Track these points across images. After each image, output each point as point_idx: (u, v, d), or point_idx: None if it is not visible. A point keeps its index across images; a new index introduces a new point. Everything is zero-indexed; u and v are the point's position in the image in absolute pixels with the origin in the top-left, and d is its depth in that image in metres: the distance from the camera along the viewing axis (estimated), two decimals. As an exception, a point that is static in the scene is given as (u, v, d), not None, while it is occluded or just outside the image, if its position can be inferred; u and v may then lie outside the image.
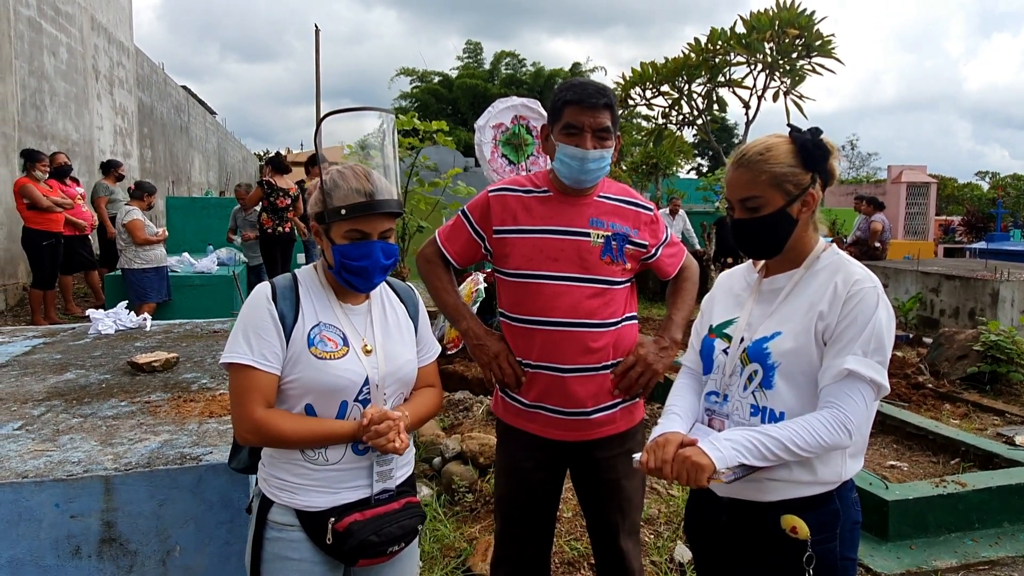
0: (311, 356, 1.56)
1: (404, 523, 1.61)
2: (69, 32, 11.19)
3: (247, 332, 1.56)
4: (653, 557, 3.01)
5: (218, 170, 26.92)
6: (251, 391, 1.54)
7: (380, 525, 1.58)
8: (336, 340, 1.61)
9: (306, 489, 1.59)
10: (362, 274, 1.60)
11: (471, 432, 4.04)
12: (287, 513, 1.59)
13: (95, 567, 1.92)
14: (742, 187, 1.56)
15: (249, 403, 1.54)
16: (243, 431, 1.56)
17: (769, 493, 1.54)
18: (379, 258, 1.60)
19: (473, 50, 30.58)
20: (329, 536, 1.55)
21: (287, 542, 1.59)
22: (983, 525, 3.39)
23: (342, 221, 1.58)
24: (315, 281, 1.68)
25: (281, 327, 1.56)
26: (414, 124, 6.05)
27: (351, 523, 1.55)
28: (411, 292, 1.86)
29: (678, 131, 8.92)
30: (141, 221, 6.91)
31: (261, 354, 1.54)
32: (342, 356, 1.60)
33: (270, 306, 1.58)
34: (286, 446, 1.58)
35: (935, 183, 20.99)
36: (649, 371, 2.01)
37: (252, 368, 1.54)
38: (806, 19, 7.11)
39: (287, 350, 1.57)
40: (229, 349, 1.57)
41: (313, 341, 1.58)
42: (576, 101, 1.92)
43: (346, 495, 1.60)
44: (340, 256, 1.59)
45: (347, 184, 1.59)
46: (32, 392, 2.65)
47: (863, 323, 1.47)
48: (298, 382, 1.57)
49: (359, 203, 1.57)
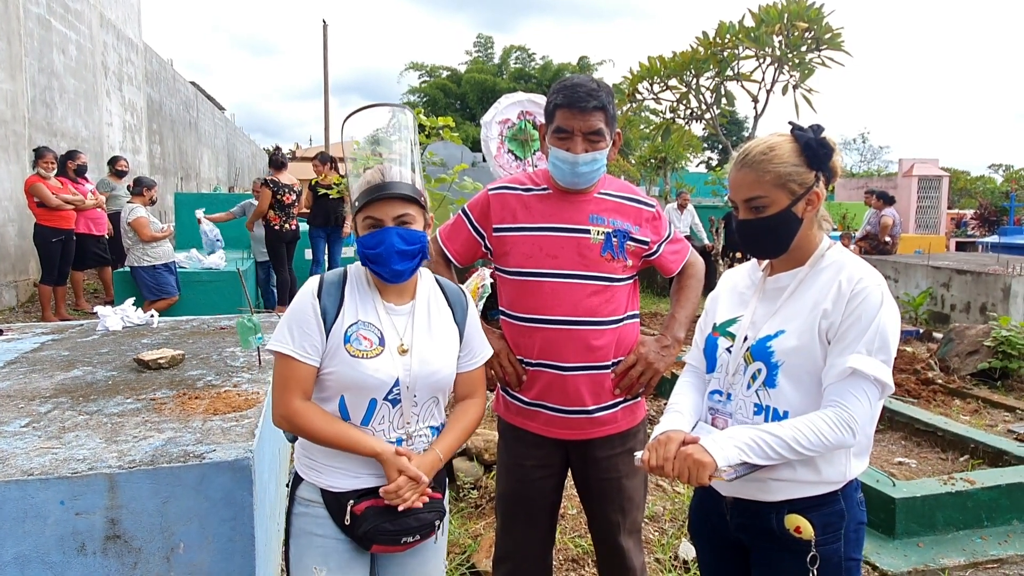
0: (345, 353, 1.62)
1: (421, 516, 1.64)
2: (78, 29, 11.25)
3: (291, 323, 1.64)
4: (658, 554, 3.01)
5: (227, 166, 27.03)
6: (290, 380, 1.62)
7: (396, 515, 1.61)
8: (372, 339, 1.65)
9: (331, 469, 1.65)
10: (379, 261, 1.63)
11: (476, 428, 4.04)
12: (313, 490, 1.67)
13: (100, 564, 1.93)
14: (746, 187, 1.55)
15: (287, 391, 1.61)
16: (277, 416, 1.64)
17: (773, 493, 1.54)
18: (394, 242, 1.61)
19: (484, 44, 30.50)
20: (347, 517, 1.61)
21: (312, 518, 1.66)
22: (992, 523, 3.37)
23: (359, 212, 1.65)
24: (362, 279, 1.73)
25: (322, 322, 1.63)
26: (421, 120, 6.04)
27: (367, 507, 1.61)
28: (460, 296, 1.85)
29: (686, 125, 8.85)
30: (146, 218, 6.93)
31: (301, 346, 1.62)
32: (375, 355, 1.63)
33: (314, 301, 1.64)
34: (313, 440, 1.65)
35: (947, 176, 20.81)
36: (650, 370, 2.00)
37: (291, 358, 1.61)
38: (815, 12, 7.02)
39: (326, 344, 1.63)
40: (275, 337, 1.65)
41: (349, 338, 1.63)
42: (566, 105, 1.89)
43: (368, 479, 1.65)
44: (360, 246, 1.65)
45: (364, 178, 1.67)
46: (39, 389, 2.66)
47: (867, 321, 1.45)
48: (334, 376, 1.63)
49: (366, 190, 1.63)
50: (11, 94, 8.72)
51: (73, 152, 8.34)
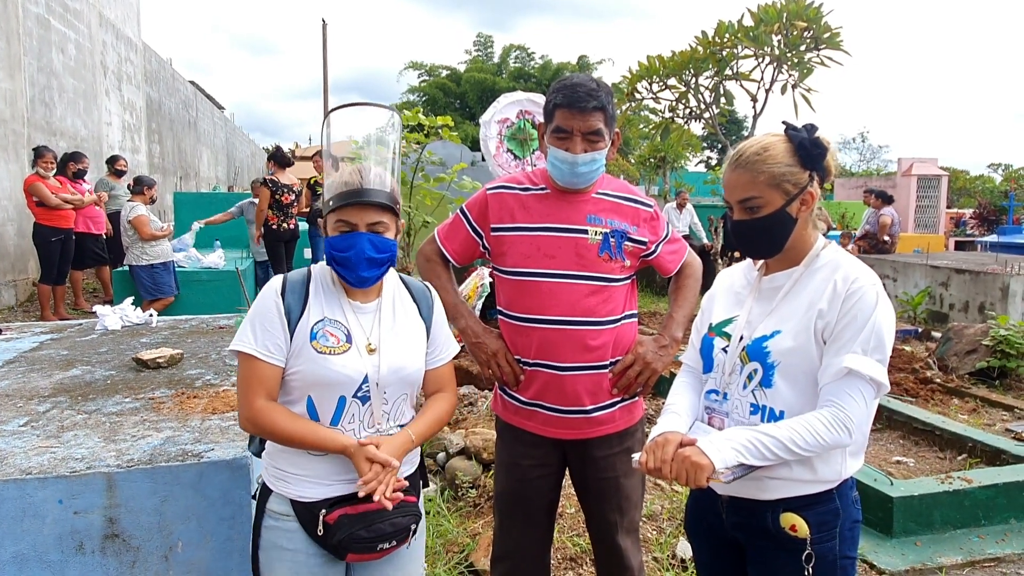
0: (312, 350, 1.59)
1: (396, 521, 1.60)
2: (77, 28, 11.24)
3: (254, 323, 1.61)
4: (656, 553, 3.02)
5: (226, 165, 27.02)
6: (253, 381, 1.59)
7: (370, 521, 1.57)
8: (339, 336, 1.63)
9: (301, 479, 1.62)
10: (347, 265, 1.61)
11: (475, 427, 4.05)
12: (283, 502, 1.62)
13: (99, 562, 1.94)
14: (741, 188, 1.55)
15: (251, 392, 1.58)
16: (242, 418, 1.61)
17: (769, 491, 1.54)
18: (364, 249, 1.59)
19: (484, 43, 30.50)
20: (320, 528, 1.57)
21: (283, 531, 1.62)
22: (989, 522, 3.37)
23: (331, 212, 1.62)
24: (327, 277, 1.71)
25: (286, 320, 1.60)
26: (419, 120, 6.04)
27: (341, 516, 1.57)
28: (426, 292, 1.85)
29: (685, 124, 8.86)
30: (146, 216, 6.94)
31: (264, 345, 1.59)
32: (343, 352, 1.61)
33: (278, 299, 1.62)
34: (279, 442, 1.61)
35: (946, 176, 20.79)
36: (648, 370, 2.01)
37: (255, 358, 1.58)
38: (814, 11, 7.02)
39: (291, 343, 1.60)
40: (237, 338, 1.62)
41: (315, 335, 1.61)
42: (565, 105, 1.90)
43: (339, 487, 1.62)
44: (329, 247, 1.63)
45: (340, 178, 1.63)
46: (38, 388, 2.67)
47: (862, 321, 1.46)
48: (299, 375, 1.60)
49: (343, 192, 1.60)
50: (10, 93, 8.72)
51: (77, 154, 8.32)
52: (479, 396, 4.88)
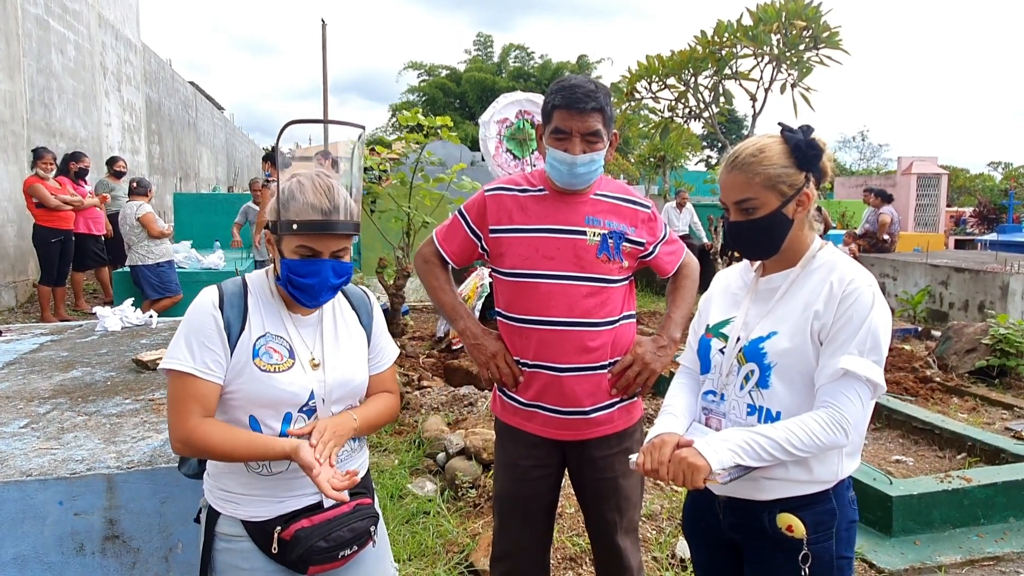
0: (255, 368, 1.51)
1: (354, 526, 1.56)
2: (76, 29, 11.25)
3: (190, 339, 1.50)
4: (655, 553, 3.02)
5: (226, 165, 27.04)
6: (188, 400, 1.47)
7: (329, 530, 1.53)
8: (282, 352, 1.56)
9: (250, 499, 1.55)
10: (308, 291, 1.54)
11: (475, 428, 4.06)
12: (234, 524, 1.55)
13: (99, 564, 1.95)
14: (736, 189, 1.56)
15: (184, 412, 1.47)
16: (175, 440, 1.50)
17: (765, 492, 1.55)
18: (328, 277, 1.54)
19: (483, 43, 30.51)
20: (275, 545, 1.51)
21: (237, 552, 1.55)
22: (988, 520, 3.38)
23: (293, 235, 1.52)
24: (265, 289, 1.62)
25: (226, 336, 1.51)
26: (419, 120, 6.05)
27: (297, 530, 1.51)
28: (364, 299, 1.79)
29: (685, 124, 8.87)
30: (153, 214, 6.95)
31: (203, 362, 1.48)
32: (287, 369, 1.55)
33: (216, 313, 1.51)
34: (217, 459, 1.52)
35: (946, 174, 20.79)
36: (647, 370, 2.01)
37: (192, 376, 1.48)
38: (813, 10, 7.03)
39: (231, 359, 1.51)
40: (169, 355, 1.50)
41: (258, 352, 1.53)
42: (564, 106, 1.90)
43: (292, 503, 1.56)
44: (288, 271, 1.53)
45: (304, 197, 1.52)
46: (38, 390, 2.68)
47: (858, 322, 1.46)
48: (240, 393, 1.53)
49: (313, 221, 1.50)
50: (10, 95, 8.73)
51: (78, 154, 8.32)
52: (479, 396, 4.88)
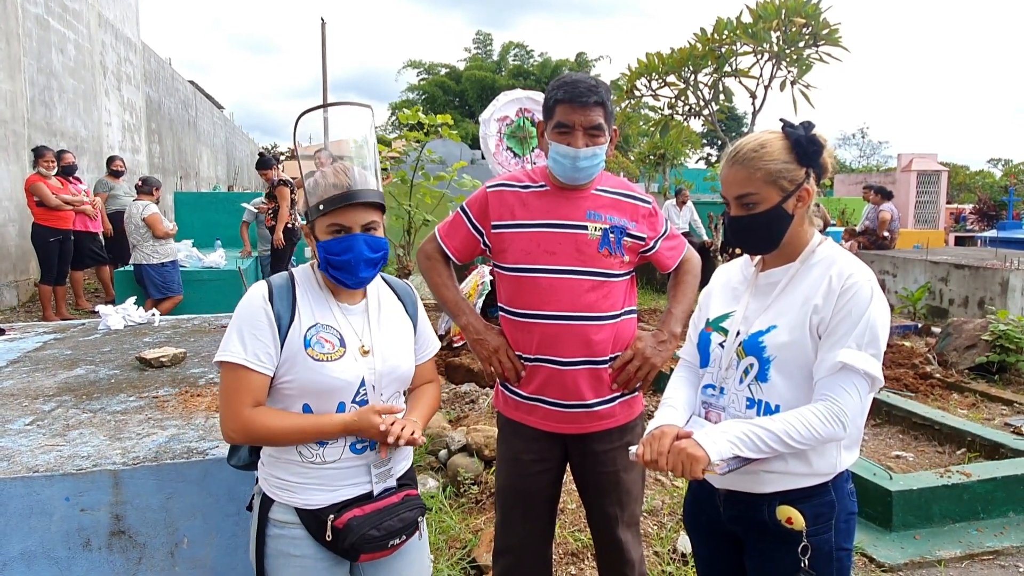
0: (307, 357, 1.56)
1: (404, 516, 1.62)
2: (76, 29, 11.25)
3: (242, 331, 1.56)
4: (656, 547, 3.04)
5: (226, 164, 27.04)
6: (241, 391, 1.54)
7: (380, 519, 1.58)
8: (333, 341, 1.60)
9: (305, 487, 1.60)
10: (346, 268, 1.59)
11: (477, 424, 4.07)
12: (288, 511, 1.60)
13: (105, 559, 1.96)
14: (737, 184, 1.57)
15: (237, 403, 1.54)
16: (229, 429, 1.56)
17: (765, 484, 1.56)
18: (362, 250, 1.58)
19: (483, 41, 30.52)
20: (328, 533, 1.56)
21: (289, 539, 1.60)
22: (988, 515, 3.40)
23: (322, 216, 1.59)
24: (312, 281, 1.68)
25: (276, 328, 1.56)
26: (419, 118, 6.06)
27: (350, 519, 1.57)
28: (409, 290, 1.86)
29: (685, 121, 8.88)
30: (159, 214, 6.94)
31: (254, 354, 1.54)
32: (339, 357, 1.59)
33: (266, 306, 1.57)
34: (274, 443, 1.58)
35: (946, 171, 20.79)
36: (647, 365, 2.03)
37: (244, 368, 1.53)
38: (812, 8, 7.03)
39: (282, 351, 1.57)
40: (223, 348, 1.56)
41: (310, 342, 1.58)
42: (567, 100, 1.92)
43: (345, 492, 1.61)
44: (324, 252, 1.59)
45: (325, 181, 1.60)
46: (43, 388, 2.69)
47: (857, 316, 1.48)
48: (294, 383, 1.57)
49: (335, 195, 1.57)
50: (10, 94, 8.74)
51: (60, 152, 8.29)
52: (480, 393, 4.90)
